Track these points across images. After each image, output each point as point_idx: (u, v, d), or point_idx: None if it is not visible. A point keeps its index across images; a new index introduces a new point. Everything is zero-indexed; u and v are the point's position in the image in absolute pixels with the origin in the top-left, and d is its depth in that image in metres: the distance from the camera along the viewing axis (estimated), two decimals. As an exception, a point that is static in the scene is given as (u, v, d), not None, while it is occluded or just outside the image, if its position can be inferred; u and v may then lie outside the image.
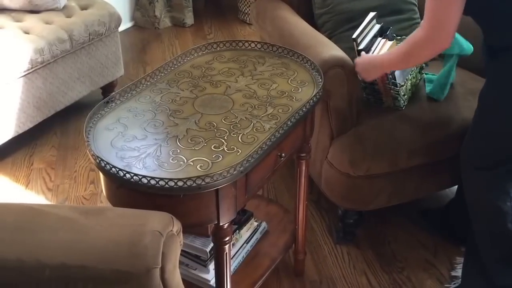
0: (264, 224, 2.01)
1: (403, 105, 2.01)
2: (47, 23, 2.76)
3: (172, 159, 1.36)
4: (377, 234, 2.27)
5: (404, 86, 1.98)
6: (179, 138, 1.43)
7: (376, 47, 1.97)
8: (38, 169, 2.63)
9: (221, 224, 1.43)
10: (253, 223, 1.97)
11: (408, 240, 2.23)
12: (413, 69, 2.02)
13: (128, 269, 1.08)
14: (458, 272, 2.06)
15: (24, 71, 2.51)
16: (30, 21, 2.76)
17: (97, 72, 2.93)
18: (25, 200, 2.37)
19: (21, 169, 2.62)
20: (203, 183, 1.29)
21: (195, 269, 1.79)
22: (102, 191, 2.46)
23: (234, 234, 1.84)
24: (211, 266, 1.77)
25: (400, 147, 1.95)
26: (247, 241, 1.92)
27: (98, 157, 1.34)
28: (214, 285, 1.67)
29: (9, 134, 2.55)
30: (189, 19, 4.15)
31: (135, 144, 1.41)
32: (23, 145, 2.75)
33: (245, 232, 1.93)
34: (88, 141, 1.41)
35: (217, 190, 1.34)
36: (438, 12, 1.55)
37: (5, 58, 2.42)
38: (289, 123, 1.48)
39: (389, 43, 2.00)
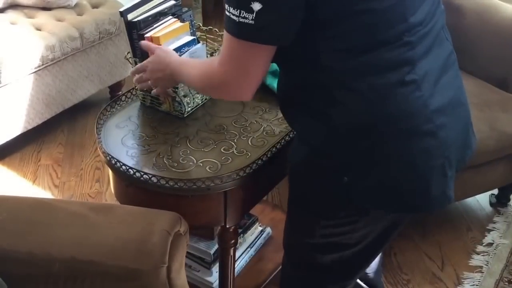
0: (268, 229, 2.01)
1: (186, 111, 1.52)
2: (58, 20, 2.77)
3: (182, 160, 1.36)
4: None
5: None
6: (189, 139, 1.43)
7: (158, 26, 1.49)
8: (45, 165, 2.63)
9: (227, 226, 1.43)
10: (257, 228, 1.97)
11: (415, 252, 2.22)
12: None
13: (135, 267, 1.09)
14: (466, 287, 2.05)
15: (35, 68, 2.52)
16: (42, 18, 2.77)
17: (105, 71, 2.94)
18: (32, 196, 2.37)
19: (29, 164, 2.63)
20: (212, 184, 1.29)
21: (198, 271, 1.79)
22: (107, 189, 2.47)
23: (239, 237, 1.84)
24: (214, 269, 1.77)
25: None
26: (251, 246, 1.92)
27: (108, 154, 1.34)
28: (217, 288, 1.67)
29: (18, 130, 2.56)
30: (198, 21, 4.16)
31: (145, 143, 1.42)
32: (31, 141, 2.76)
33: (249, 236, 1.93)
34: (99, 138, 1.41)
35: (225, 192, 1.34)
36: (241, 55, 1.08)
37: (17, 54, 2.43)
38: (299, 128, 1.48)
39: (179, 24, 1.52)
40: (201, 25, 1.68)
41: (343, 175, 1.12)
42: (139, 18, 1.47)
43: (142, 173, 1.29)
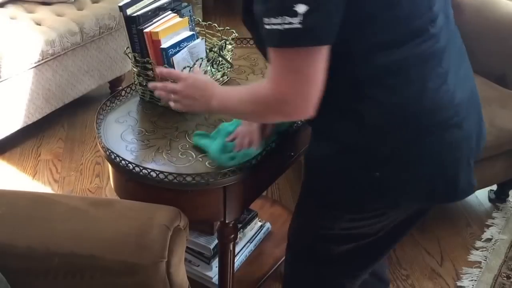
0: (268, 225, 2.01)
1: None
2: (58, 15, 2.76)
3: (181, 154, 1.36)
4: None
5: None
6: (188, 133, 1.44)
7: (157, 21, 1.49)
8: (45, 160, 2.64)
9: (227, 221, 1.43)
10: (257, 223, 1.97)
11: (414, 247, 2.22)
12: (202, 58, 1.51)
13: (135, 261, 1.09)
14: (464, 282, 2.06)
15: (35, 63, 2.51)
16: (42, 12, 2.77)
17: (106, 66, 2.94)
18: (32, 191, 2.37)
19: (29, 159, 2.63)
20: (211, 179, 1.29)
21: (197, 266, 1.80)
22: (107, 184, 2.48)
23: (238, 232, 1.84)
24: (214, 264, 1.77)
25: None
26: (250, 241, 1.92)
27: (108, 149, 1.35)
28: (216, 283, 1.68)
29: (18, 124, 2.56)
30: (198, 16, 4.16)
31: (144, 138, 1.42)
32: (31, 136, 2.76)
33: (249, 232, 1.93)
34: (99, 133, 1.41)
35: (224, 187, 1.34)
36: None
37: (17, 49, 2.43)
38: (299, 122, 1.48)
39: (178, 19, 1.52)
40: (200, 20, 1.68)
41: (374, 171, 1.13)
42: (138, 13, 1.47)
43: (141, 168, 1.29)
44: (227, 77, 1.66)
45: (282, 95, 1.04)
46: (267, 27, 0.98)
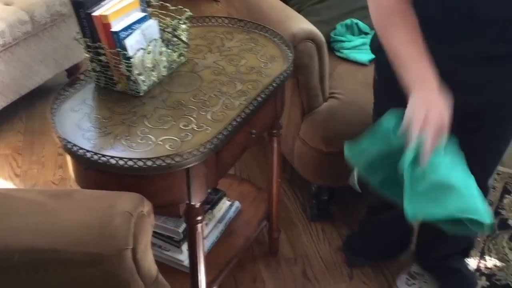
0: (237, 203, 2.00)
1: (142, 90, 1.48)
2: (6, 4, 2.68)
3: (140, 139, 1.33)
4: (351, 210, 2.28)
5: (141, 60, 1.44)
6: (147, 118, 1.40)
7: (106, 4, 1.44)
8: (4, 155, 2.57)
9: (192, 203, 1.41)
10: (225, 203, 1.96)
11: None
12: (156, 39, 1.48)
13: (98, 251, 1.06)
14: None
15: (-15, 55, 2.44)
16: (-11, 2, 2.68)
17: (61, 54, 2.86)
18: (-8, 187, 2.32)
19: (-14, 155, 2.57)
20: (172, 162, 1.27)
21: (168, 251, 1.78)
22: (71, 175, 2.43)
23: (207, 213, 1.82)
24: (185, 247, 1.76)
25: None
26: (220, 221, 1.91)
27: (64, 139, 1.31)
28: (188, 266, 1.66)
29: (-28, 120, 2.49)
30: (155, -1, 4.08)
31: (102, 125, 1.38)
32: (-13, 131, 2.69)
33: (218, 212, 1.92)
34: (53, 123, 1.37)
35: (187, 169, 1.32)
36: None
37: (-36, 42, 2.35)
38: (259, 99, 1.46)
39: (129, 1, 1.47)
40: (152, 0, 1.63)
41: None
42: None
43: (100, 156, 1.26)
44: (185, 58, 1.62)
45: None
46: None
